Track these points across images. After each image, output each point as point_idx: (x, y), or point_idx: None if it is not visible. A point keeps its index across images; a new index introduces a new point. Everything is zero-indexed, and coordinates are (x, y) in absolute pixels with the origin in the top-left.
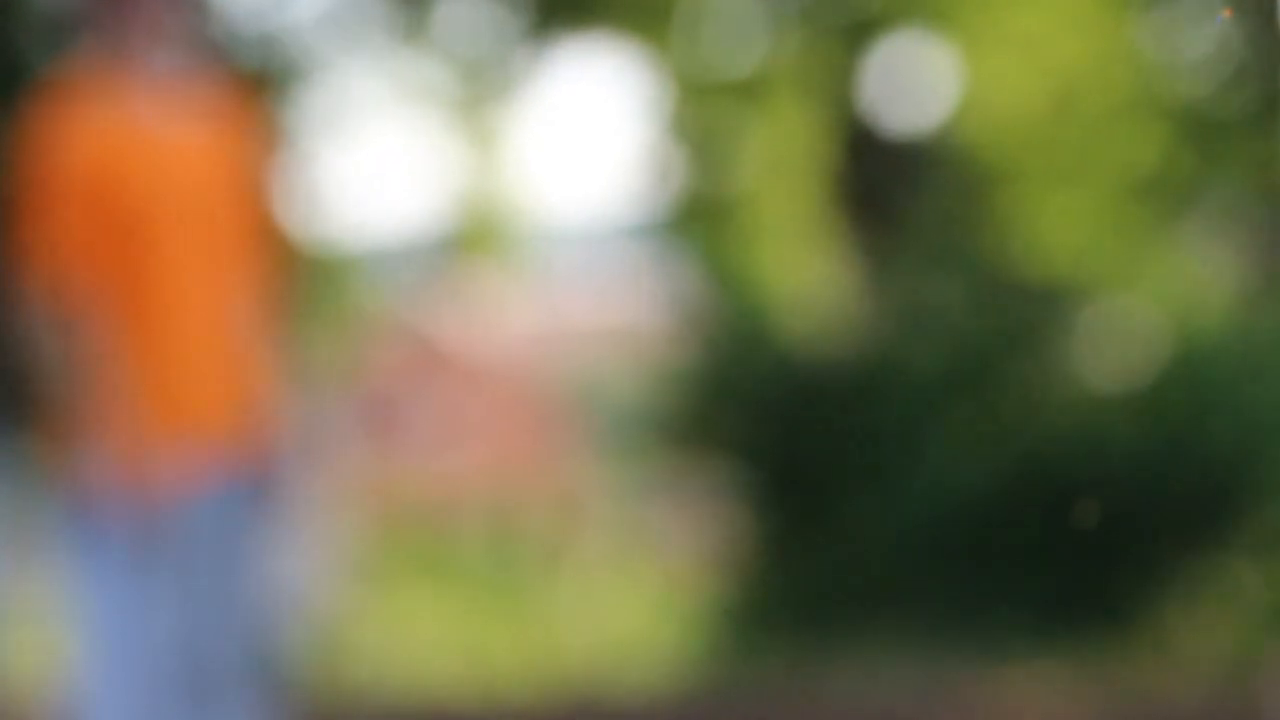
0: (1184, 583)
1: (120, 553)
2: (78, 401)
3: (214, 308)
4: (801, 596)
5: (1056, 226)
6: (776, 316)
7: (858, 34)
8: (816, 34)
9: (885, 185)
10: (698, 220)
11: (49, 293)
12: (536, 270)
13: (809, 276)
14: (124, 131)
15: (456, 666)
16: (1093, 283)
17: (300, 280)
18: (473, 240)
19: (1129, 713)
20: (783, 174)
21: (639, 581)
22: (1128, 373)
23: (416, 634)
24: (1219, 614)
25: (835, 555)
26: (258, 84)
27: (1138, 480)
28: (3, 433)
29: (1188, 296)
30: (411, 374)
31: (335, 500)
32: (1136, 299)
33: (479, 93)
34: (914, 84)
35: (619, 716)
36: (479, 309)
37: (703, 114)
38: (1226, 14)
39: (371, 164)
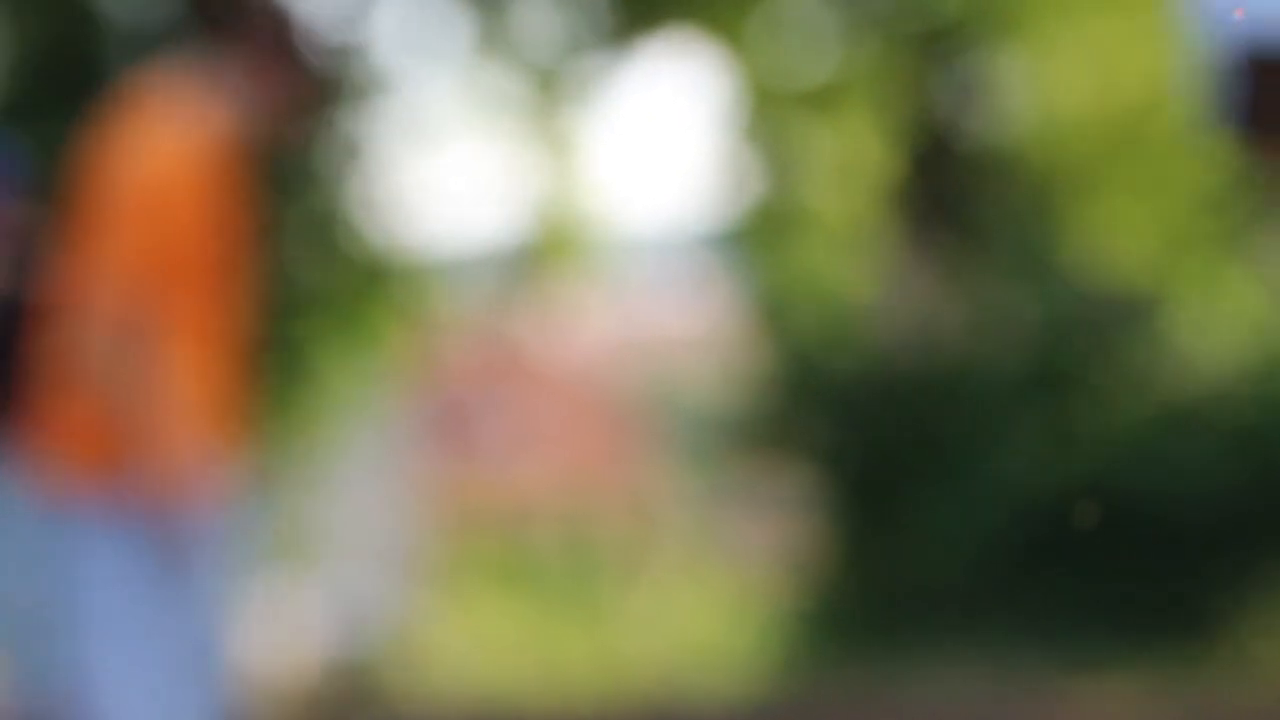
0: (1260, 591)
1: (149, 562)
2: (130, 413)
3: (234, 324)
4: (877, 603)
5: (1131, 235)
6: (852, 324)
7: (932, 43)
8: (891, 42)
9: (959, 193)
10: (773, 227)
11: (115, 305)
12: (613, 277)
13: (884, 284)
14: (196, 148)
15: (531, 673)
16: (1167, 292)
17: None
18: (549, 248)
19: None
20: (857, 182)
21: (714, 588)
22: (1201, 381)
23: (490, 641)
24: None
25: (911, 562)
26: (336, 94)
27: (1213, 488)
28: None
29: (1263, 307)
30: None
31: (409, 506)
32: (1211, 308)
33: (555, 100)
34: (988, 93)
35: None
36: (555, 316)
37: (778, 121)
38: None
39: (449, 172)
